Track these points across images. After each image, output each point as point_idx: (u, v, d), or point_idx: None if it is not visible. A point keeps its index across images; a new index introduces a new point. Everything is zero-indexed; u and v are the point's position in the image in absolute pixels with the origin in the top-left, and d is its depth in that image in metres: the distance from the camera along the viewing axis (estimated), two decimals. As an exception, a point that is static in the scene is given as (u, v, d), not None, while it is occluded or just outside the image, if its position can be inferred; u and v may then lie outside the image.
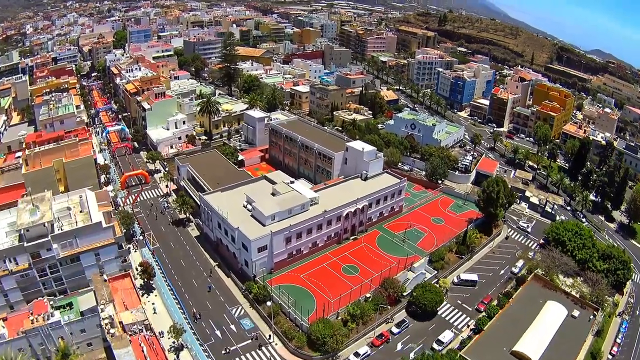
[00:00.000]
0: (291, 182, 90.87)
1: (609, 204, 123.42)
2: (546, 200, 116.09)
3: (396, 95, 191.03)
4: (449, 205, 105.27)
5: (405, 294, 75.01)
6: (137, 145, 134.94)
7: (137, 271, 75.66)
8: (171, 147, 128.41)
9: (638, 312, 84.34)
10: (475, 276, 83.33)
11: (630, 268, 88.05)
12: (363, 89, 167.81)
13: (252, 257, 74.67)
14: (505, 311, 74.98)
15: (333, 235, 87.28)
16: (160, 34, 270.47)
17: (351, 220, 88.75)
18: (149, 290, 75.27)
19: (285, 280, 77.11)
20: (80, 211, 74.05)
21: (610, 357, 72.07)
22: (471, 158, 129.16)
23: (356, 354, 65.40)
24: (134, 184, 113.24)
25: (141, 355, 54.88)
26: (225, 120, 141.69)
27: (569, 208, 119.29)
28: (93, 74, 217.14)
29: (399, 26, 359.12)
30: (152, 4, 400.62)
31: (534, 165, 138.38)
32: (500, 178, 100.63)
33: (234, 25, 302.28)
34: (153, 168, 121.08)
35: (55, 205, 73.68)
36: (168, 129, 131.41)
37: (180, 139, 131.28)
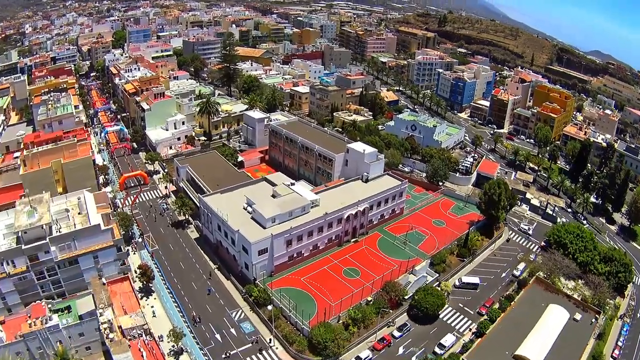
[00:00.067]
0: (291, 184, 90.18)
1: (610, 206, 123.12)
2: (547, 203, 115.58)
3: (396, 96, 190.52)
4: (450, 208, 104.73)
5: (406, 297, 74.45)
6: (136, 145, 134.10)
7: (136, 274, 74.95)
8: (170, 148, 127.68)
9: (639, 315, 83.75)
10: (477, 279, 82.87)
11: (632, 271, 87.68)
12: (363, 90, 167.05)
13: (253, 260, 74.03)
14: (507, 314, 74.75)
15: (334, 238, 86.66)
16: (160, 34, 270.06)
17: (352, 222, 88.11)
18: (148, 293, 74.57)
19: (286, 283, 76.46)
20: (79, 213, 73.39)
21: (611, 360, 71.55)
22: (472, 160, 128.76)
23: (358, 358, 64.85)
24: (132, 185, 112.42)
25: (141, 360, 54.30)
26: (224, 121, 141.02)
27: (569, 210, 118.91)
28: (92, 74, 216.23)
29: (398, 27, 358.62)
30: (152, 4, 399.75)
31: (534, 167, 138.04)
32: (502, 180, 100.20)
33: (233, 25, 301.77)
34: (152, 169, 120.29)
35: (53, 207, 73.04)
36: (167, 130, 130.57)
37: (179, 139, 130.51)
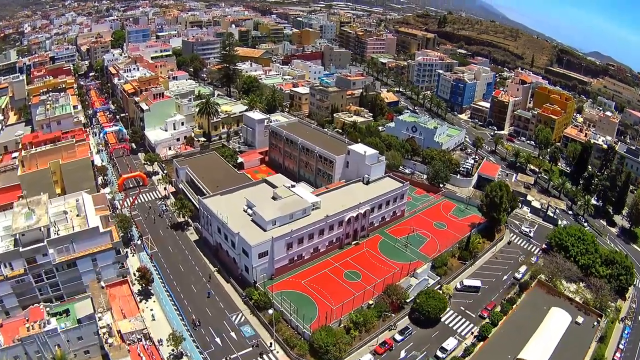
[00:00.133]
0: (292, 186, 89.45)
1: (611, 209, 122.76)
2: (548, 205, 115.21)
3: (396, 97, 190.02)
4: (451, 210, 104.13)
5: (408, 301, 73.88)
6: (135, 146, 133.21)
7: (135, 277, 74.24)
8: (169, 149, 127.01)
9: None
10: (478, 282, 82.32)
11: (633, 273, 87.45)
12: (363, 91, 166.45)
13: (253, 263, 73.33)
14: (509, 318, 74.42)
15: (335, 241, 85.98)
16: (159, 34, 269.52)
17: (353, 225, 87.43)
18: (147, 296, 73.84)
19: (287, 286, 75.84)
20: (77, 215, 72.66)
21: (613, 363, 71.15)
22: (472, 161, 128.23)
23: (359, 362, 64.35)
24: (131, 186, 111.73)
25: (140, 365, 53.66)
26: (224, 121, 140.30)
27: (570, 212, 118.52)
28: (91, 74, 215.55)
29: (398, 27, 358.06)
30: (151, 4, 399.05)
31: (535, 168, 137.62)
32: (503, 182, 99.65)
33: (232, 25, 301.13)
34: (151, 170, 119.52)
35: (51, 209, 72.37)
36: (166, 130, 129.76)
37: (178, 140, 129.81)
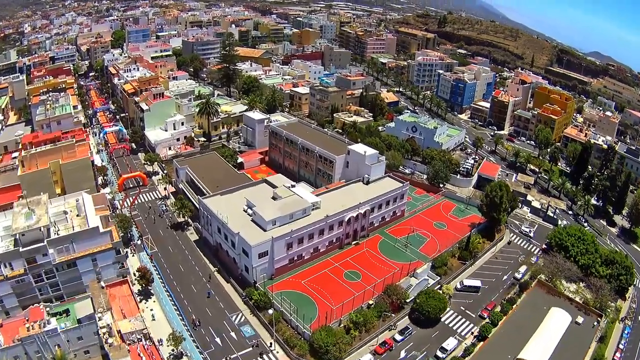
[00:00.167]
0: (292, 186, 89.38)
1: (611, 208, 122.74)
2: (548, 205, 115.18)
3: (396, 97, 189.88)
4: (451, 210, 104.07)
5: (408, 301, 73.84)
6: (135, 146, 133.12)
7: (135, 277, 74.19)
8: (169, 149, 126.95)
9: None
10: (478, 282, 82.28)
11: (633, 273, 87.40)
12: (363, 91, 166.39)
13: (253, 263, 73.27)
14: (509, 318, 74.43)
15: (335, 241, 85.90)
16: (159, 34, 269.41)
17: (353, 225, 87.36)
18: (147, 296, 73.79)
19: (287, 286, 75.80)
20: (77, 215, 72.60)
21: (613, 363, 71.12)
22: (472, 161, 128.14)
23: (359, 362, 64.30)
24: (131, 186, 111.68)
25: (140, 365, 53.63)
26: (224, 121, 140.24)
27: (570, 212, 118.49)
28: (91, 74, 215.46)
29: (398, 27, 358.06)
30: (151, 4, 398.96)
31: (535, 168, 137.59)
32: (503, 182, 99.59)
33: (232, 25, 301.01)
34: (151, 170, 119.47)
35: (51, 208, 72.31)
36: (166, 130, 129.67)
37: (178, 140, 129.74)
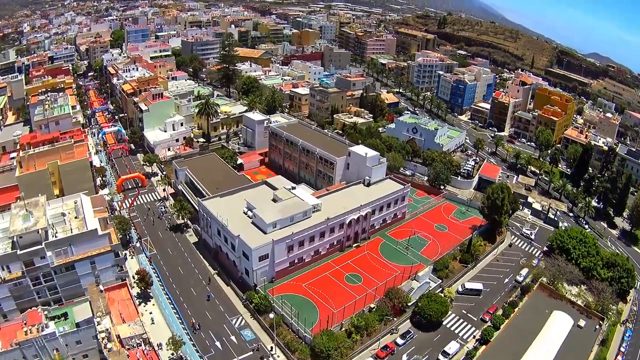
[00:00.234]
0: (292, 188, 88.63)
1: (611, 210, 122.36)
2: (549, 207, 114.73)
3: (396, 98, 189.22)
4: (452, 212, 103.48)
5: (410, 304, 73.26)
6: (134, 147, 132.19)
7: (134, 279, 73.44)
8: (168, 150, 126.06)
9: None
10: (480, 285, 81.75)
11: (634, 276, 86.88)
12: (364, 92, 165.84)
13: (253, 266, 72.57)
14: (512, 321, 73.87)
15: (335, 243, 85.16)
16: (158, 34, 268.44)
17: (354, 227, 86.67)
18: (146, 299, 73.12)
19: (287, 289, 75.09)
20: (75, 217, 71.76)
21: (614, 366, 70.75)
22: (473, 163, 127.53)
23: (360, 366, 63.80)
24: (130, 187, 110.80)
25: (139, 370, 52.95)
26: (223, 122, 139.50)
27: (571, 214, 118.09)
28: (90, 74, 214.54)
29: (398, 28, 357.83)
30: (150, 4, 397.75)
31: (536, 170, 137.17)
32: (505, 184, 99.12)
33: (232, 25, 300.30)
34: (150, 171, 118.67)
35: (49, 210, 71.50)
36: (165, 131, 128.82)
37: (177, 141, 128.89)
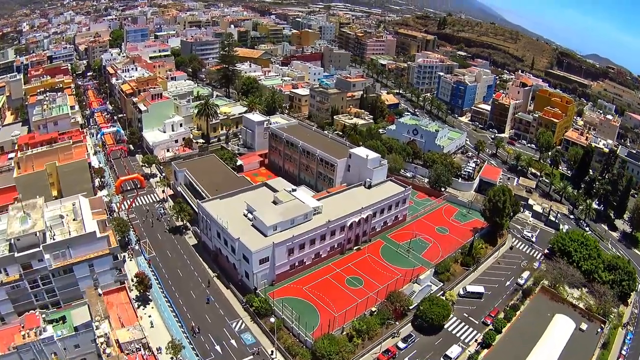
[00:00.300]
0: (293, 190, 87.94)
1: (612, 213, 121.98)
2: (550, 209, 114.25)
3: (397, 100, 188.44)
4: (453, 214, 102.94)
5: (411, 308, 72.67)
6: (133, 148, 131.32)
7: (133, 282, 72.68)
8: (167, 151, 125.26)
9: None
10: (481, 288, 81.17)
11: (635, 279, 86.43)
12: (364, 93, 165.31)
13: (254, 269, 71.86)
14: (513, 325, 73.44)
15: (336, 246, 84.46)
16: (157, 34, 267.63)
17: (355, 230, 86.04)
18: (145, 302, 72.36)
19: (288, 292, 74.43)
20: (74, 219, 71.11)
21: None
22: (474, 165, 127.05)
23: (362, 370, 63.19)
24: (129, 188, 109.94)
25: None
26: (223, 123, 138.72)
27: (572, 216, 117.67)
28: (89, 74, 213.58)
29: (397, 29, 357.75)
30: (149, 3, 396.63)
31: (536, 172, 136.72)
32: (506, 187, 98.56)
33: (231, 25, 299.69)
34: (149, 172, 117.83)
35: (47, 212, 70.81)
36: (164, 132, 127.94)
37: (176, 142, 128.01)
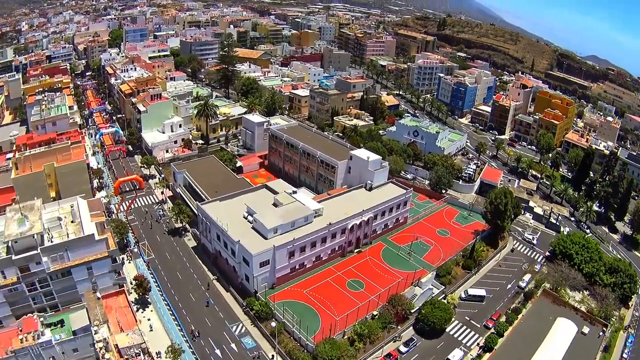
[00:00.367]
0: (293, 192, 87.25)
1: (613, 215, 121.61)
2: (550, 211, 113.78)
3: (397, 101, 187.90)
4: (454, 217, 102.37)
5: (413, 311, 72.03)
6: (132, 148, 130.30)
7: (132, 285, 71.91)
8: (167, 152, 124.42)
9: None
10: (483, 291, 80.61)
11: (636, 282, 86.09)
12: (364, 94, 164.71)
13: (254, 272, 71.14)
14: (516, 328, 72.97)
15: (337, 249, 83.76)
16: (157, 34, 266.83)
17: (356, 232, 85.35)
18: (144, 305, 71.60)
19: (288, 296, 73.71)
20: (72, 221, 70.14)
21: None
22: (474, 167, 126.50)
23: (363, 375, 62.52)
24: (128, 189, 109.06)
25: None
26: (222, 124, 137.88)
27: (573, 219, 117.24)
28: (87, 73, 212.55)
29: (397, 30, 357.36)
30: (149, 3, 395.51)
31: (537, 174, 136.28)
32: (507, 189, 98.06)
33: (231, 26, 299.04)
34: (148, 173, 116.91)
35: (45, 214, 69.84)
36: (163, 132, 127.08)
37: (176, 142, 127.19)
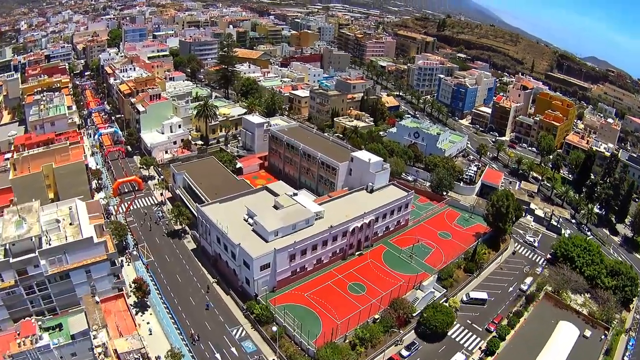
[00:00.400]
0: (294, 194, 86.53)
1: (614, 217, 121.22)
2: (552, 213, 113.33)
3: (397, 102, 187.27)
4: (455, 219, 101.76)
5: (414, 315, 71.42)
6: (131, 149, 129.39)
7: (131, 288, 71.19)
8: (166, 152, 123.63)
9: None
10: (484, 294, 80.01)
11: (638, 284, 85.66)
12: (364, 95, 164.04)
13: (254, 276, 70.41)
14: (518, 332, 72.48)
15: (338, 252, 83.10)
16: (156, 34, 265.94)
17: (357, 235, 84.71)
18: (143, 309, 70.90)
19: (289, 299, 73.01)
20: (70, 224, 69.35)
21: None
22: (475, 169, 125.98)
23: (365, 380, 61.85)
24: (126, 190, 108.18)
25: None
26: (222, 124, 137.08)
27: (574, 221, 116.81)
28: (86, 73, 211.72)
29: (397, 30, 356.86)
30: (148, 3, 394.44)
31: (538, 176, 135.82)
32: (509, 191, 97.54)
33: (230, 26, 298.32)
34: (147, 174, 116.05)
35: (43, 216, 69.16)
36: (163, 133, 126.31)
37: (175, 143, 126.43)
